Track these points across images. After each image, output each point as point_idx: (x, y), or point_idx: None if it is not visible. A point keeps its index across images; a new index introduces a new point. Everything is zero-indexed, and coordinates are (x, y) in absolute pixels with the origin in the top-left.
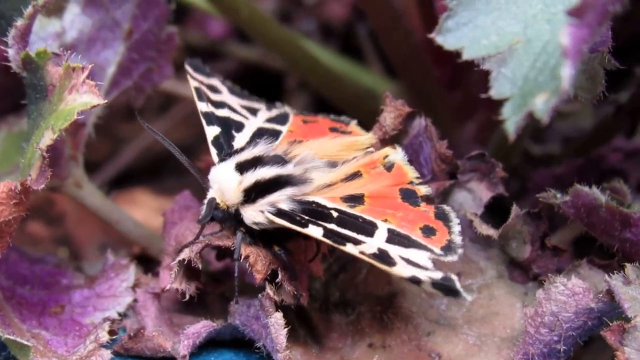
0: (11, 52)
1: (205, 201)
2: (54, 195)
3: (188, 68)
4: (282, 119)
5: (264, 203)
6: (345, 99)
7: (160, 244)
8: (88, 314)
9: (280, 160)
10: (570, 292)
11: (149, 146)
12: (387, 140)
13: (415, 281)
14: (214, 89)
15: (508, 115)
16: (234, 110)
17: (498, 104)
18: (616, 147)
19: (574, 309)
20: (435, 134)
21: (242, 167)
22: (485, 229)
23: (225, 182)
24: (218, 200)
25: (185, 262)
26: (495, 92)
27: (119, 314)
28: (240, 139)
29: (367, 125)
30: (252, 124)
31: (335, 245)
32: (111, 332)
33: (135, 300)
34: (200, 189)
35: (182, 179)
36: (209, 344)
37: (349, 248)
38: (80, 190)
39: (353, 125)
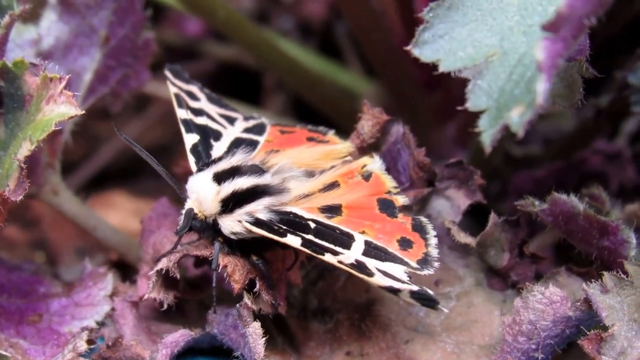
0: None
1: (183, 212)
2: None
3: (168, 74)
4: (259, 130)
5: (242, 213)
6: (324, 100)
7: (138, 251)
8: (66, 322)
9: (258, 170)
10: (548, 301)
11: (125, 146)
12: (365, 148)
13: (393, 291)
14: (193, 96)
15: (484, 127)
16: (212, 119)
17: None
18: (597, 150)
19: (551, 317)
20: (413, 141)
21: (219, 177)
22: (463, 237)
23: (202, 192)
24: (196, 211)
25: (163, 271)
26: (471, 104)
27: (97, 323)
28: (218, 148)
29: (345, 126)
30: (230, 133)
31: (314, 254)
32: (89, 342)
33: (113, 309)
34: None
35: (159, 180)
36: (187, 353)
37: (328, 257)
38: (57, 197)
39: (331, 134)
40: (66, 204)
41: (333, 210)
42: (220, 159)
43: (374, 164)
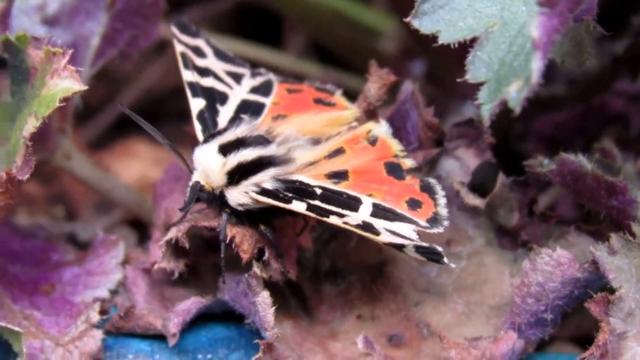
0: None
1: (190, 184)
2: None
3: (174, 30)
4: (266, 89)
5: (248, 184)
6: (344, 40)
7: (152, 213)
8: (79, 292)
9: (263, 141)
10: (555, 263)
11: (145, 89)
12: (372, 111)
13: (399, 247)
14: (200, 52)
15: (484, 100)
16: (219, 78)
17: None
18: (619, 92)
19: (560, 279)
20: (421, 101)
21: (225, 149)
22: (472, 199)
23: (208, 164)
24: (202, 183)
25: (173, 241)
26: (471, 76)
27: (110, 291)
28: (224, 114)
29: (364, 68)
30: (237, 94)
31: (319, 217)
32: (102, 312)
33: (125, 277)
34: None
35: (179, 124)
36: (199, 319)
37: (333, 220)
38: (70, 161)
39: (337, 96)
40: (79, 168)
41: (339, 175)
42: (225, 129)
43: (380, 128)
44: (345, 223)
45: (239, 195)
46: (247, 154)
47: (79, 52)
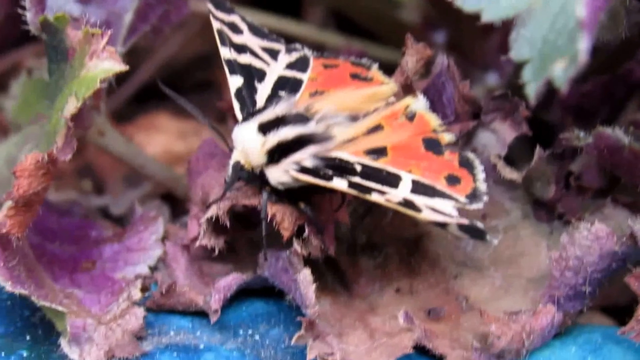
0: (29, 15)
1: (231, 164)
2: None
3: (210, 6)
4: (302, 65)
5: (288, 163)
6: (365, 10)
7: (186, 189)
8: (119, 268)
9: (302, 119)
10: (593, 237)
11: (167, 60)
12: (409, 85)
13: (441, 224)
14: (235, 29)
15: (528, 79)
16: (255, 55)
17: None
18: None
19: (598, 252)
20: (457, 74)
21: (264, 128)
22: (509, 173)
23: (248, 144)
24: (242, 162)
25: (213, 219)
26: (514, 54)
27: (150, 268)
28: (262, 91)
29: (386, 38)
30: (273, 70)
31: (361, 195)
32: (143, 289)
33: (165, 253)
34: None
35: (200, 94)
36: (239, 294)
37: (375, 197)
38: (103, 138)
39: (374, 70)
40: (112, 144)
41: (378, 152)
42: (264, 108)
43: (418, 103)
44: (387, 200)
45: (279, 174)
46: (286, 133)
47: (113, 29)
